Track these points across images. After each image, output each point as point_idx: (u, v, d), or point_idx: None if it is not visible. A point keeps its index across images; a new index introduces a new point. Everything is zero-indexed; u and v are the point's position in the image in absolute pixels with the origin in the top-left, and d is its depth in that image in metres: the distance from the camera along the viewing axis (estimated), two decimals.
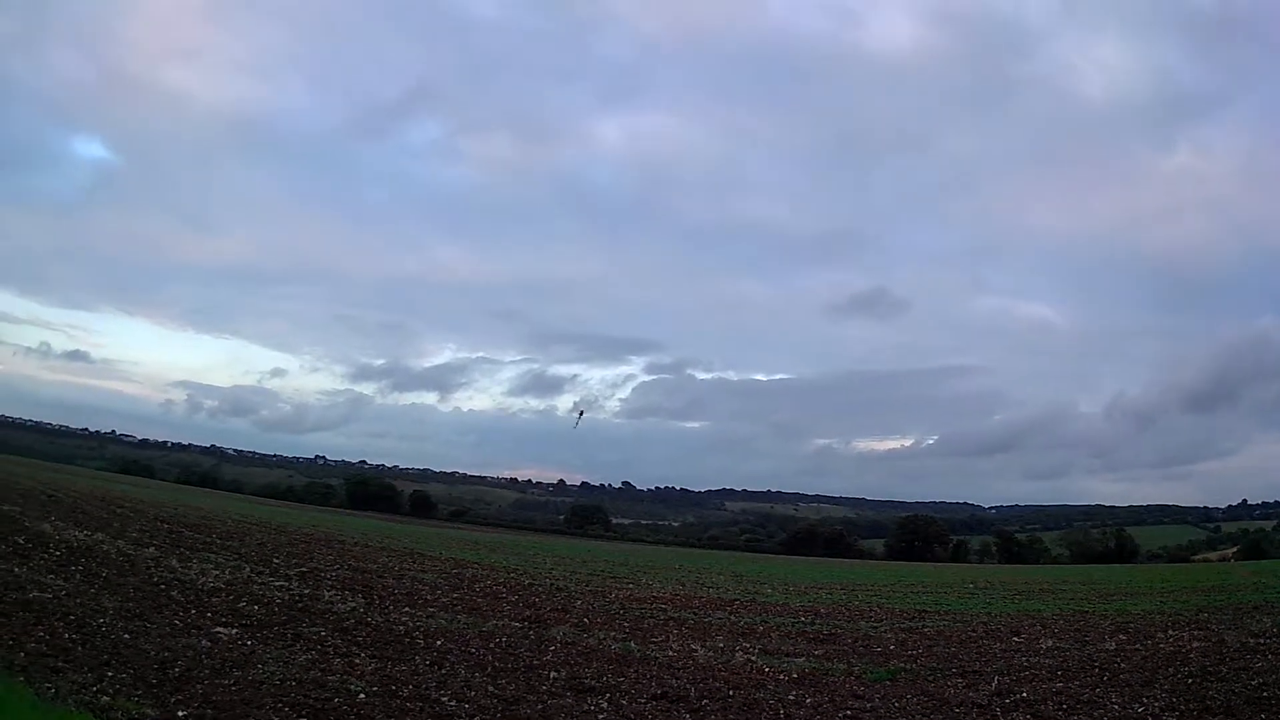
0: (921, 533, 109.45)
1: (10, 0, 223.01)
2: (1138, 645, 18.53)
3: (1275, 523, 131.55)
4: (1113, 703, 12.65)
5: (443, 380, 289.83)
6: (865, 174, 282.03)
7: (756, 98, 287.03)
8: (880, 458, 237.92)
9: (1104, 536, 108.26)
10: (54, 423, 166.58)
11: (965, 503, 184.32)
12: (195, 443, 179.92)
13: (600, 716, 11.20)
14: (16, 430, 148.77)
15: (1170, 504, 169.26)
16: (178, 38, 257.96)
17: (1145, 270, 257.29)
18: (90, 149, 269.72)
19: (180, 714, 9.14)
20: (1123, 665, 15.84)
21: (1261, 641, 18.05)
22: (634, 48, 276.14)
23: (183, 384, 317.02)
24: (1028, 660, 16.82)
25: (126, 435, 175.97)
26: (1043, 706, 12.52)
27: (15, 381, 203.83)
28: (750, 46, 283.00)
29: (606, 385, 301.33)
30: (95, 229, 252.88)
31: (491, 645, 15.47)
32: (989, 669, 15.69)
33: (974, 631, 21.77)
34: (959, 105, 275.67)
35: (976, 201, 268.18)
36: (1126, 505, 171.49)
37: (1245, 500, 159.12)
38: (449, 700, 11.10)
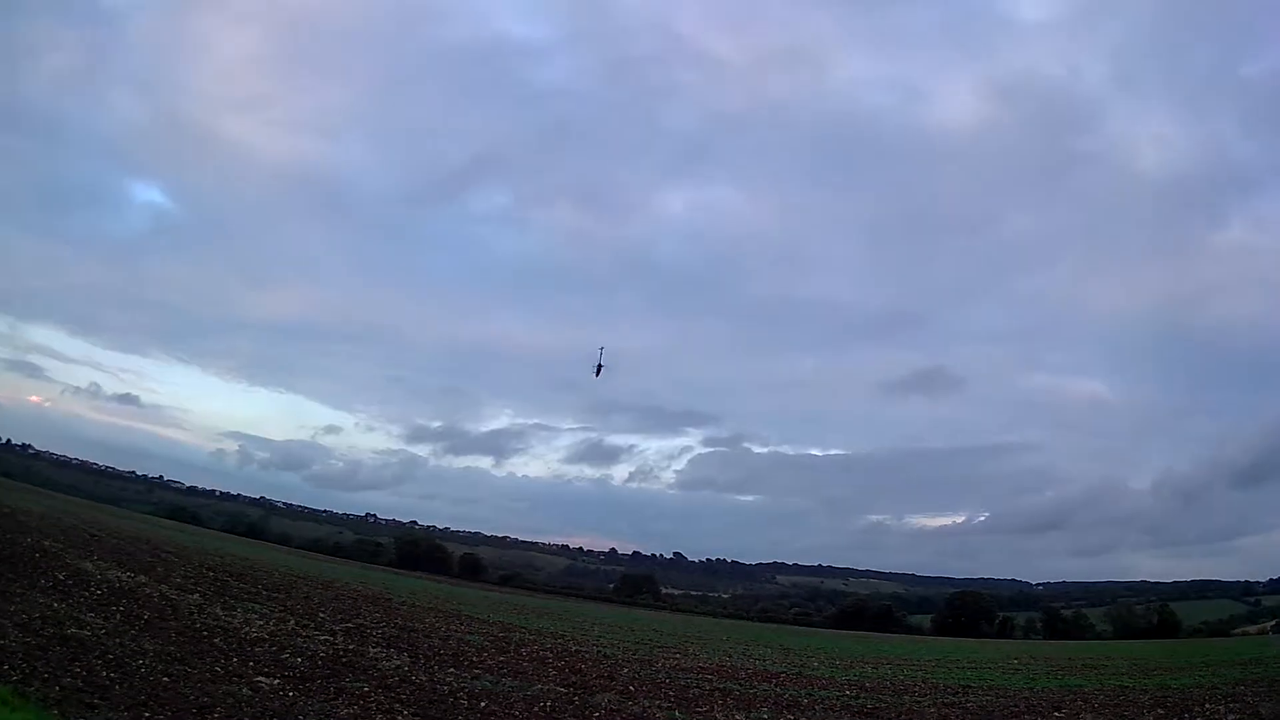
0: (969, 609, 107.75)
1: (74, 40, 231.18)
2: None
3: None
4: None
5: (498, 445, 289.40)
6: (926, 252, 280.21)
7: (819, 173, 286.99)
8: (932, 534, 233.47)
9: (1147, 612, 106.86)
10: (100, 463, 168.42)
11: (1014, 579, 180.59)
12: (244, 493, 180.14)
13: None
14: (61, 468, 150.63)
15: (1213, 579, 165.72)
16: (242, 89, 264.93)
17: (1198, 346, 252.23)
18: (148, 194, 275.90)
19: None
20: None
21: None
22: (700, 121, 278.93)
23: (234, 434, 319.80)
24: None
25: (174, 481, 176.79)
26: None
27: (63, 420, 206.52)
28: (815, 122, 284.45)
29: (663, 456, 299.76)
30: (150, 274, 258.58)
31: (535, 710, 15.19)
32: None
33: (1016, 707, 21.68)
34: (1019, 182, 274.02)
35: (1034, 279, 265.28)
36: (1171, 580, 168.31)
37: None
38: None
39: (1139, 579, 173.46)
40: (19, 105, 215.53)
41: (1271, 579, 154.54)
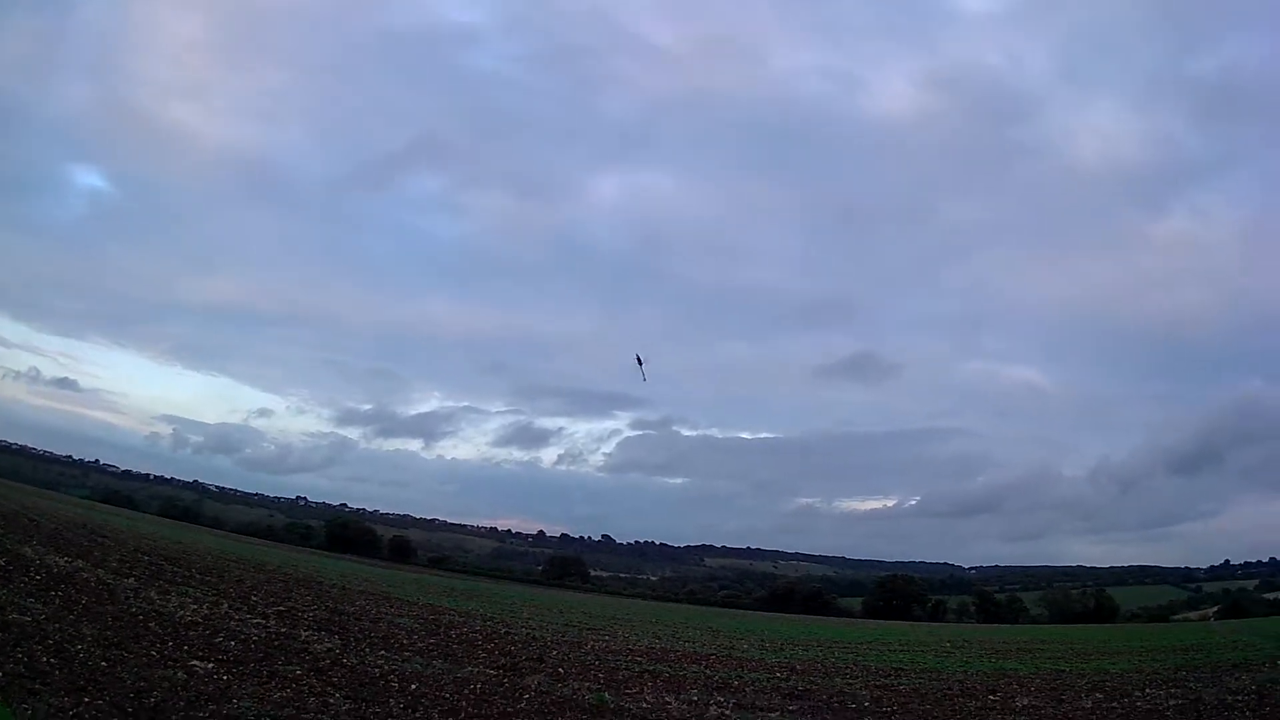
0: (900, 592, 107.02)
1: (20, 26, 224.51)
2: (1114, 704, 18.24)
3: (1257, 581, 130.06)
4: None
5: (428, 428, 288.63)
6: (861, 240, 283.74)
7: (755, 161, 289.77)
8: (862, 517, 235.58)
9: (1083, 596, 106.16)
10: (39, 448, 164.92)
11: (945, 563, 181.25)
12: (178, 477, 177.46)
13: None
14: (1, 453, 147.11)
15: (1152, 565, 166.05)
16: (184, 76, 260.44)
17: (1136, 336, 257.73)
18: (89, 179, 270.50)
19: None
20: None
21: (1240, 699, 17.72)
22: (636, 107, 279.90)
23: (169, 418, 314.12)
24: (1003, 718, 16.54)
25: (110, 465, 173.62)
26: None
27: (2, 404, 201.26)
28: (751, 110, 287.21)
29: (592, 439, 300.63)
30: (90, 259, 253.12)
31: (465, 692, 15.29)
32: None
33: (950, 690, 21.32)
34: (957, 172, 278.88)
35: (970, 268, 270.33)
36: (1108, 566, 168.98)
37: (1228, 561, 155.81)
38: None
39: (1074, 564, 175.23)
40: None
41: (1212, 566, 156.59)
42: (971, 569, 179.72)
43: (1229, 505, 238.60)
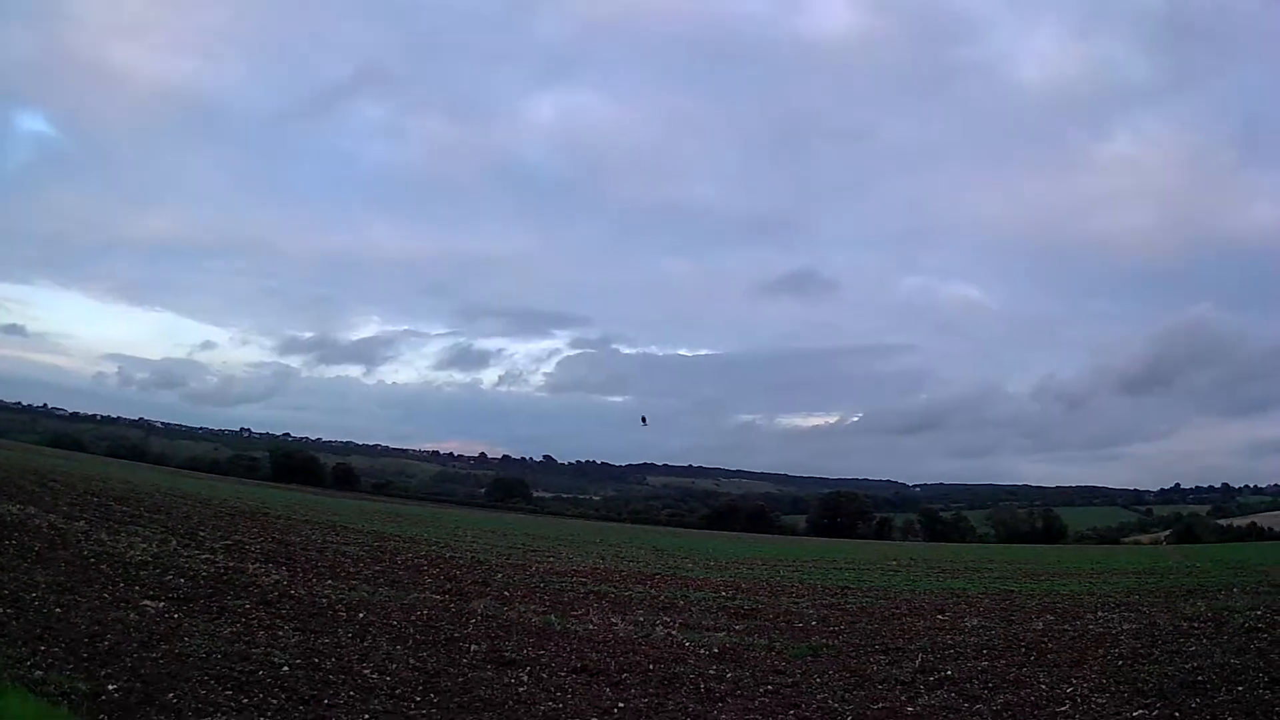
0: (845, 509, 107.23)
1: None
2: (1066, 626, 17.95)
3: (1209, 507, 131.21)
4: (1040, 682, 12.30)
5: (369, 353, 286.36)
6: (799, 158, 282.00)
7: (692, 80, 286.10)
8: (804, 434, 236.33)
9: (1031, 516, 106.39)
10: None
11: (890, 480, 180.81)
12: (124, 415, 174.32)
13: (520, 689, 11.14)
14: None
15: (1100, 485, 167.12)
16: (122, 14, 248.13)
17: (1079, 255, 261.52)
18: (33, 124, 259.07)
19: (110, 687, 8.99)
20: (1050, 645, 15.37)
21: (1195, 625, 17.26)
22: (572, 28, 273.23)
23: (114, 356, 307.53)
24: (952, 638, 16.27)
25: (58, 409, 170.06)
26: (967, 685, 12.17)
27: None
28: (688, 29, 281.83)
29: (531, 359, 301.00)
30: (35, 203, 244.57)
31: (413, 618, 15.31)
32: (912, 646, 15.29)
33: (897, 609, 21.13)
34: (896, 91, 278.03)
35: (911, 186, 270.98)
36: (1055, 486, 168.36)
37: (1179, 484, 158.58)
38: (371, 673, 11.05)
39: (1020, 482, 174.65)
40: None
41: (1163, 488, 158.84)
42: (917, 486, 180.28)
43: (1180, 428, 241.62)
